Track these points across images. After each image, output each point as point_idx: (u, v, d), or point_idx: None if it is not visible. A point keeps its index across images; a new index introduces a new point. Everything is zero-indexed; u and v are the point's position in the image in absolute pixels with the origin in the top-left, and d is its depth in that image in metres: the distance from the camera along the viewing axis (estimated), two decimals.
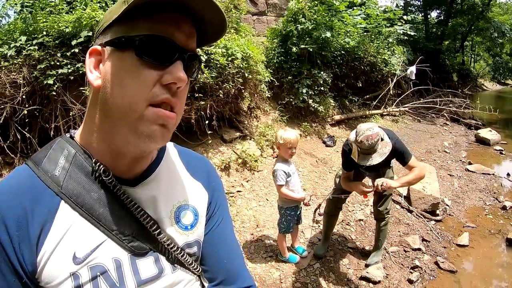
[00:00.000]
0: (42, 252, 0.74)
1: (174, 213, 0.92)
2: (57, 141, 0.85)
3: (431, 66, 13.38)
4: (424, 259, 4.13)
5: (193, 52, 0.79)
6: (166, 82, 0.73)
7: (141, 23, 0.73)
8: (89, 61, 0.79)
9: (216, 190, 1.05)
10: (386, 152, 3.03)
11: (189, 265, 0.92)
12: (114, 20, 0.74)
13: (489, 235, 4.88)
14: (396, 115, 11.61)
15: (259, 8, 9.83)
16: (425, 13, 24.37)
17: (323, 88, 8.51)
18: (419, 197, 5.36)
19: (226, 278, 0.98)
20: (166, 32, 0.73)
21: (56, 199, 0.77)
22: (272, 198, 5.19)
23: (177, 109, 0.78)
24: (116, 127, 0.75)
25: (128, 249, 0.82)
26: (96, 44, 0.80)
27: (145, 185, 0.88)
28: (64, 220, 0.76)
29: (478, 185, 6.67)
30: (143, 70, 0.72)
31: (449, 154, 8.72)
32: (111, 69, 0.74)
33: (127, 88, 0.72)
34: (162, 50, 0.73)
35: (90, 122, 0.82)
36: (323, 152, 7.52)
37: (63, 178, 0.79)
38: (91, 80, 0.77)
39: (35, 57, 4.38)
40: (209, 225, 1.01)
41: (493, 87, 34.35)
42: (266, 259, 3.90)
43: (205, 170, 1.06)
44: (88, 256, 0.76)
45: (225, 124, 6.22)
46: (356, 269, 3.88)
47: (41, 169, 0.79)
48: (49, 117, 4.61)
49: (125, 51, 0.73)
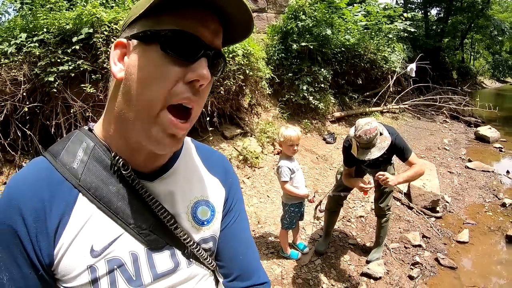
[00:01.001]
0: (60, 244, 0.74)
1: (191, 209, 0.92)
2: (75, 134, 0.85)
3: (431, 64, 13.36)
4: (425, 255, 4.14)
5: (218, 50, 0.78)
6: (189, 79, 0.72)
7: (167, 18, 0.72)
8: (114, 53, 0.79)
9: (233, 186, 1.06)
10: (385, 146, 3.03)
11: (204, 260, 0.92)
12: (141, 14, 0.73)
13: (489, 232, 4.90)
14: (396, 112, 11.62)
15: (259, 5, 9.82)
16: (425, 10, 24.37)
17: (323, 85, 8.52)
18: (419, 194, 5.38)
19: (241, 274, 0.98)
20: (192, 28, 0.72)
21: (74, 191, 0.77)
22: (273, 195, 5.21)
23: (196, 108, 0.77)
24: (132, 122, 0.75)
25: (145, 242, 0.82)
26: (122, 37, 0.79)
27: (163, 180, 0.88)
28: (82, 213, 0.77)
29: (478, 182, 6.68)
30: (167, 65, 0.71)
31: (449, 152, 8.74)
32: (134, 62, 0.74)
33: (148, 83, 0.72)
34: (187, 46, 0.72)
35: (109, 115, 0.82)
36: (324, 149, 7.53)
37: (81, 171, 0.79)
38: (114, 72, 0.77)
39: (36, 54, 4.37)
40: (225, 221, 1.01)
41: (493, 85, 34.34)
42: (267, 256, 3.91)
43: (222, 166, 1.06)
44: (105, 249, 0.77)
45: (226, 121, 6.24)
46: (357, 265, 3.90)
47: (59, 161, 0.79)
48: (50, 114, 4.61)
49: (150, 45, 0.72)
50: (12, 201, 0.74)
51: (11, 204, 0.73)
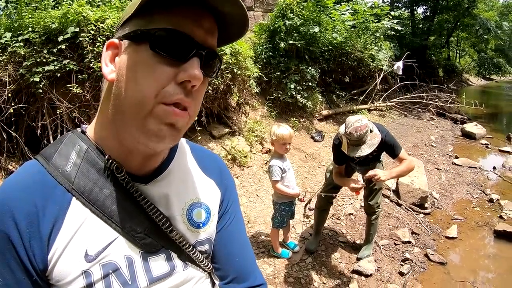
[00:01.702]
0: (54, 249, 0.72)
1: (186, 211, 0.91)
2: (68, 136, 0.83)
3: (417, 62, 13.49)
4: (414, 251, 4.17)
5: (212, 49, 0.76)
6: (180, 80, 0.70)
7: (159, 17, 0.70)
8: (106, 54, 0.77)
9: (228, 188, 1.04)
10: (375, 143, 3.04)
11: (200, 263, 0.91)
12: (133, 13, 0.71)
13: (477, 227, 4.95)
14: (383, 110, 11.69)
15: (246, 4, 9.79)
16: (411, 9, 24.61)
17: (311, 84, 8.53)
18: (407, 190, 5.41)
19: (237, 276, 0.98)
20: (183, 26, 0.70)
21: (68, 195, 0.76)
22: (262, 194, 5.19)
23: (191, 110, 0.74)
24: (126, 123, 0.73)
25: (140, 246, 0.81)
26: (114, 38, 0.78)
27: (158, 182, 0.86)
28: (76, 217, 0.75)
29: (465, 179, 6.76)
30: (158, 65, 0.69)
31: (436, 148, 8.83)
32: (125, 63, 0.72)
33: (139, 83, 0.69)
34: (178, 45, 0.70)
35: (102, 117, 0.80)
36: (312, 147, 7.54)
37: (74, 174, 0.77)
38: (105, 73, 0.75)
39: (21, 54, 4.27)
40: (221, 223, 1.00)
41: (478, 82, 34.71)
42: (258, 255, 3.89)
43: (217, 167, 1.05)
44: (100, 254, 0.76)
45: (214, 120, 6.20)
46: (347, 262, 3.90)
47: (52, 164, 0.78)
48: (36, 115, 4.50)
49: (140, 45, 0.70)
50: (5, 206, 0.72)
51: (3, 208, 0.71)
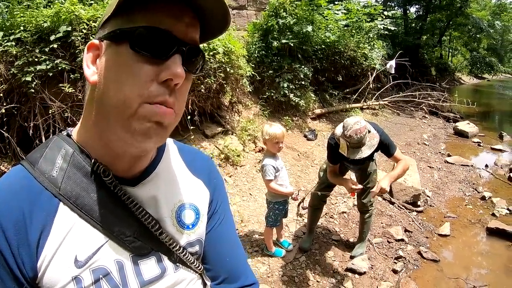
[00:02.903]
0: (43, 256, 0.71)
1: (176, 212, 0.89)
2: (53, 140, 0.81)
3: (410, 61, 13.54)
4: (408, 249, 4.18)
5: (194, 45, 0.74)
6: (162, 79, 0.68)
7: (138, 15, 0.68)
8: (87, 56, 0.75)
9: (217, 187, 1.03)
10: (374, 144, 3.05)
11: (191, 264, 0.91)
12: (112, 13, 0.69)
13: (469, 224, 4.98)
14: (376, 108, 11.72)
15: (239, 2, 9.77)
16: (404, 8, 24.69)
17: (304, 82, 8.55)
18: (400, 189, 5.42)
19: (228, 276, 0.97)
20: (163, 23, 0.68)
21: (55, 201, 0.74)
22: (255, 193, 5.19)
23: (176, 109, 0.73)
24: (111, 125, 0.71)
25: (130, 249, 0.80)
26: (95, 39, 0.76)
27: (146, 184, 0.85)
28: (64, 222, 0.74)
29: (458, 177, 6.79)
30: (139, 65, 0.67)
31: (429, 147, 8.87)
32: (106, 64, 0.70)
33: (121, 84, 0.67)
34: (159, 43, 0.68)
35: (87, 120, 0.78)
36: (305, 146, 7.54)
37: (61, 179, 0.76)
38: (87, 75, 0.74)
39: (13, 53, 4.25)
40: (210, 223, 0.99)
41: (470, 81, 34.90)
42: (252, 254, 3.89)
43: (206, 167, 1.04)
44: (89, 259, 0.74)
45: (207, 119, 6.18)
46: (341, 261, 3.90)
47: (38, 169, 0.76)
48: (28, 115, 4.49)
49: (120, 45, 0.68)
50: None
51: None
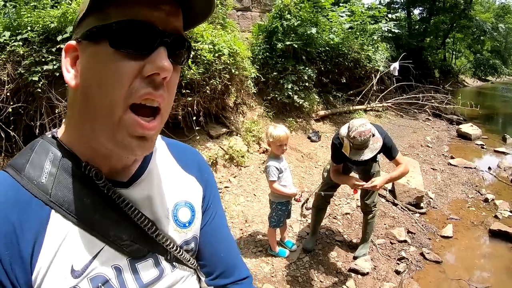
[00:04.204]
0: (37, 269, 0.66)
1: (171, 212, 0.88)
2: (39, 143, 0.76)
3: (413, 63, 13.51)
4: (410, 250, 4.21)
5: (178, 34, 0.69)
6: (147, 73, 0.64)
7: (115, 10, 0.63)
8: (65, 60, 0.71)
9: (208, 183, 1.02)
10: (377, 147, 3.08)
11: (187, 262, 0.90)
12: (86, 10, 0.65)
13: (472, 226, 5.00)
14: (379, 110, 11.70)
15: (243, 4, 9.81)
16: (408, 10, 24.63)
17: (308, 84, 8.55)
18: (403, 190, 5.45)
19: (223, 271, 0.97)
20: (141, 14, 0.63)
21: (46, 209, 0.70)
22: (259, 194, 5.22)
23: (164, 104, 0.69)
24: (96, 132, 0.68)
25: (127, 253, 0.77)
26: (72, 39, 0.72)
27: (139, 184, 0.82)
28: (57, 231, 0.69)
29: (461, 179, 6.80)
30: (120, 62, 0.63)
31: (432, 149, 8.87)
32: (87, 65, 0.67)
33: (105, 87, 0.64)
34: (140, 37, 0.63)
35: (71, 123, 0.75)
36: (309, 147, 7.57)
37: (51, 185, 0.71)
38: (67, 79, 0.70)
39: (20, 53, 4.27)
40: (204, 219, 0.98)
41: (474, 83, 34.76)
42: (256, 254, 3.93)
43: (196, 162, 1.02)
44: (87, 268, 0.71)
45: (212, 120, 6.21)
46: (344, 261, 3.94)
47: (25, 176, 0.71)
48: (34, 115, 4.51)
49: (99, 43, 0.64)
50: None
51: None
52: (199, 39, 5.36)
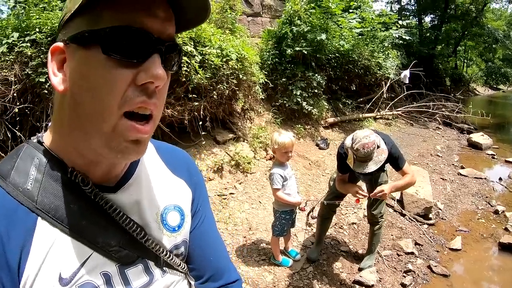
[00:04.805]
0: (25, 277, 0.65)
1: (160, 216, 0.86)
2: (23, 148, 0.75)
3: (424, 70, 13.41)
4: (417, 263, 4.12)
5: (172, 41, 0.68)
6: (141, 82, 0.63)
7: (106, 13, 0.61)
8: (51, 63, 0.68)
9: (198, 186, 1.01)
10: (381, 160, 3.04)
11: (178, 266, 0.89)
12: (76, 10, 0.62)
13: (481, 239, 4.89)
14: (389, 118, 11.63)
15: (254, 9, 9.82)
16: (419, 17, 24.56)
17: (317, 91, 8.51)
18: (412, 200, 5.36)
19: (213, 274, 0.96)
20: (135, 20, 0.61)
21: (32, 216, 0.68)
22: (265, 201, 5.17)
23: (156, 111, 0.69)
24: (88, 137, 0.66)
25: (115, 259, 0.76)
26: (58, 40, 0.69)
27: (127, 189, 0.81)
28: (44, 238, 0.68)
29: (471, 189, 6.69)
30: (113, 70, 0.61)
31: (442, 158, 8.75)
32: (77, 70, 0.64)
33: (97, 94, 0.62)
34: (134, 44, 0.62)
35: (58, 128, 0.73)
36: (316, 154, 7.50)
37: (37, 191, 0.70)
38: (55, 84, 0.67)
39: (27, 54, 4.30)
40: (193, 222, 0.97)
41: (485, 92, 34.57)
42: (258, 263, 3.87)
43: (185, 165, 1.01)
44: (75, 275, 0.70)
45: (218, 125, 6.18)
46: (349, 272, 3.86)
47: (10, 183, 0.69)
48: (40, 116, 4.53)
49: (90, 48, 0.62)
50: None
51: None
52: (207, 43, 5.32)
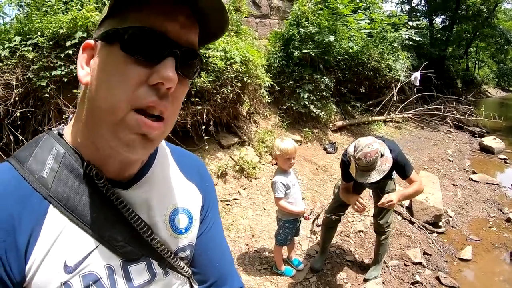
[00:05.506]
0: (31, 260, 0.68)
1: (169, 217, 0.88)
2: (43, 138, 0.78)
3: (435, 72, 13.21)
4: (425, 274, 3.98)
5: (190, 48, 0.70)
6: (152, 82, 0.65)
7: (131, 15, 0.66)
8: (82, 57, 0.74)
9: (208, 192, 1.02)
10: (385, 169, 2.92)
11: (181, 269, 0.89)
12: (107, 13, 0.68)
13: (492, 248, 4.73)
14: (400, 121, 11.45)
15: (262, 11, 9.71)
16: (430, 18, 24.25)
17: (325, 93, 8.36)
18: (421, 208, 5.21)
19: (217, 280, 0.97)
20: (156, 23, 0.65)
21: (44, 203, 0.71)
22: (269, 207, 5.05)
23: (167, 114, 0.70)
24: (100, 128, 0.69)
25: (120, 255, 0.78)
26: (90, 38, 0.75)
27: (139, 187, 0.82)
28: (54, 226, 0.71)
29: (482, 196, 6.51)
30: (129, 67, 0.65)
31: (453, 163, 8.57)
32: (98, 65, 0.69)
33: (111, 87, 0.66)
34: (150, 45, 0.65)
35: (78, 121, 0.77)
36: (324, 159, 7.37)
37: (51, 180, 0.73)
38: (80, 76, 0.73)
39: (29, 58, 4.31)
40: (201, 227, 0.98)
41: (497, 94, 34.09)
42: (260, 271, 3.76)
43: (197, 170, 1.02)
44: (79, 264, 0.72)
45: (223, 129, 6.10)
46: (354, 283, 3.74)
47: (27, 169, 0.73)
48: (42, 119, 4.54)
49: (112, 45, 0.66)
50: None
51: None
52: (211, 46, 5.24)
